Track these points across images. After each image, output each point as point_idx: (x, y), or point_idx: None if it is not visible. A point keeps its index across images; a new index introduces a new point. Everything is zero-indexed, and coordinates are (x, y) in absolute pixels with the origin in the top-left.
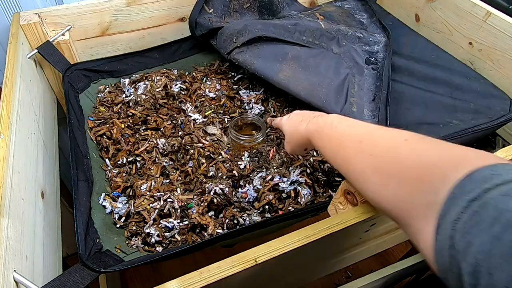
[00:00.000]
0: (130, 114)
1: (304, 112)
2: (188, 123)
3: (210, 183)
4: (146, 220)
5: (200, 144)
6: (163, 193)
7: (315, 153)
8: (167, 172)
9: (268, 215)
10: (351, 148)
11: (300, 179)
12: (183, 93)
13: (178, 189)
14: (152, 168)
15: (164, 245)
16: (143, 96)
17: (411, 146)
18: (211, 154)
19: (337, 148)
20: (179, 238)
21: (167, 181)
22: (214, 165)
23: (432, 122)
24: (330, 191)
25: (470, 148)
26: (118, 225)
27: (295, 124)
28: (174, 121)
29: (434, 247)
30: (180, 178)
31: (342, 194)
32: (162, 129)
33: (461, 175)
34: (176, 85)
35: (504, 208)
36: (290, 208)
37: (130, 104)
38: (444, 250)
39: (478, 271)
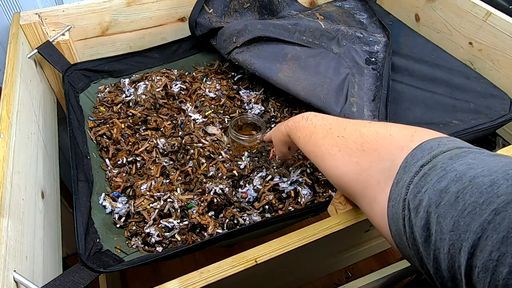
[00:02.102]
0: (130, 114)
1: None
2: (188, 123)
3: (210, 183)
4: (146, 220)
5: (200, 144)
6: (163, 193)
7: None
8: (167, 172)
9: (268, 215)
10: (321, 133)
11: (300, 179)
12: (183, 93)
13: (178, 189)
14: (152, 168)
15: (164, 245)
16: (143, 96)
17: (374, 125)
18: (211, 154)
19: (309, 136)
20: (179, 238)
21: (167, 181)
22: (214, 165)
23: (432, 122)
24: (330, 191)
25: (422, 128)
26: (118, 225)
27: (278, 127)
28: (174, 121)
29: (387, 213)
30: (180, 178)
31: (342, 194)
32: (162, 129)
33: (415, 145)
34: (176, 85)
35: (449, 168)
36: (290, 208)
37: (130, 104)
38: (397, 214)
39: (429, 222)
